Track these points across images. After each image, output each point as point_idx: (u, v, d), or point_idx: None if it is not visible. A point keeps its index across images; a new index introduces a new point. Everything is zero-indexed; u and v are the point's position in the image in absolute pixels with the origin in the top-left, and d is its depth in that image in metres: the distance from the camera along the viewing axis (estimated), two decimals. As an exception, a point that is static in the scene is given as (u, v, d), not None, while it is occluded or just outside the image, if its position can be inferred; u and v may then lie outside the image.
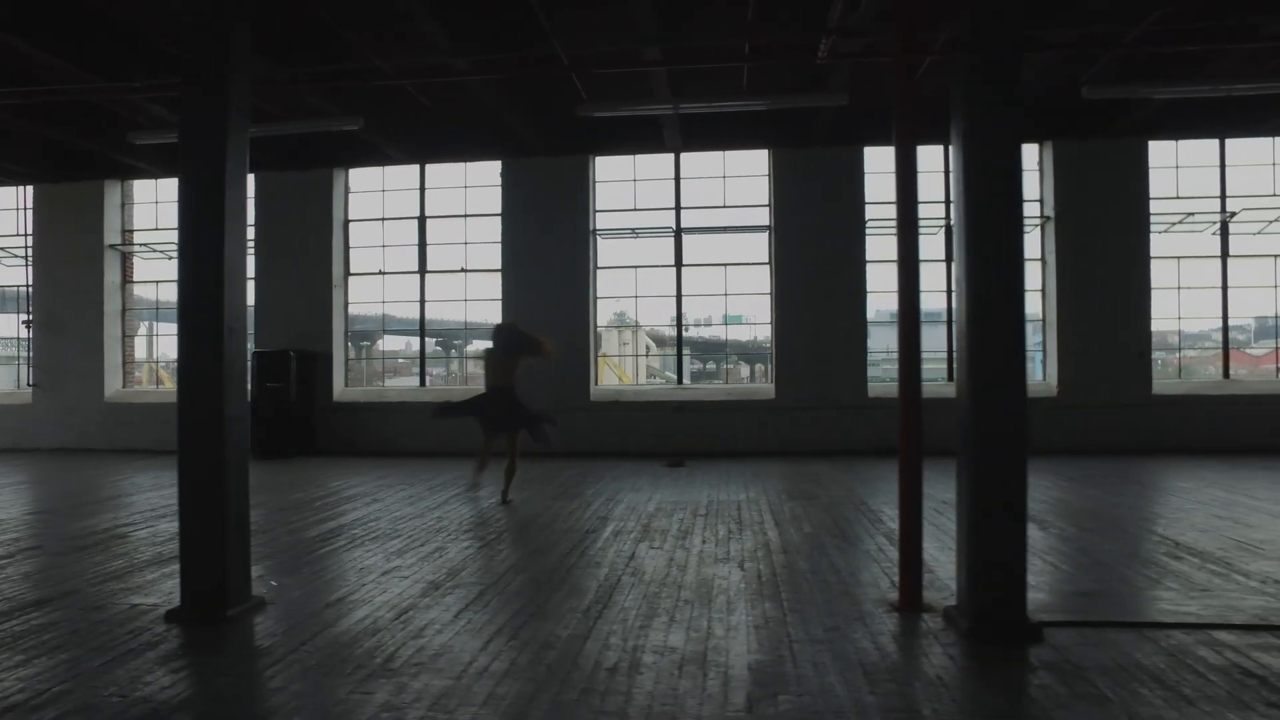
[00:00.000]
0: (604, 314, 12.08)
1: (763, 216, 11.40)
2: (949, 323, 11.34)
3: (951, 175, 3.63)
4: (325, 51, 8.25)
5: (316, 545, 5.73)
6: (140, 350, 13.41)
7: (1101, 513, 6.57)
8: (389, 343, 14.76)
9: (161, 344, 13.81)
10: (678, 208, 11.49)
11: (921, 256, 4.12)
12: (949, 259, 11.31)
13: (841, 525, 6.14)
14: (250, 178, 11.88)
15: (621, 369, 15.03)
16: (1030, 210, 11.18)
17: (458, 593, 4.47)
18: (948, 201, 11.32)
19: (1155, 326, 11.00)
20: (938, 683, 3.11)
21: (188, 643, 3.70)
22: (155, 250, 12.35)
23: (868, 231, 11.06)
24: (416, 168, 11.86)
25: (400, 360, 14.40)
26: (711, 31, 8.04)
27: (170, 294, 12.47)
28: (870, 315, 11.20)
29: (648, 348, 16.53)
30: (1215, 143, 10.88)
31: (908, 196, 4.09)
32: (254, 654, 3.59)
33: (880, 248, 11.11)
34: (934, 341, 10.78)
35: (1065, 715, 2.82)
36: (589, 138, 10.96)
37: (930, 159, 10.98)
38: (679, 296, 11.54)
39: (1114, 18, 7.26)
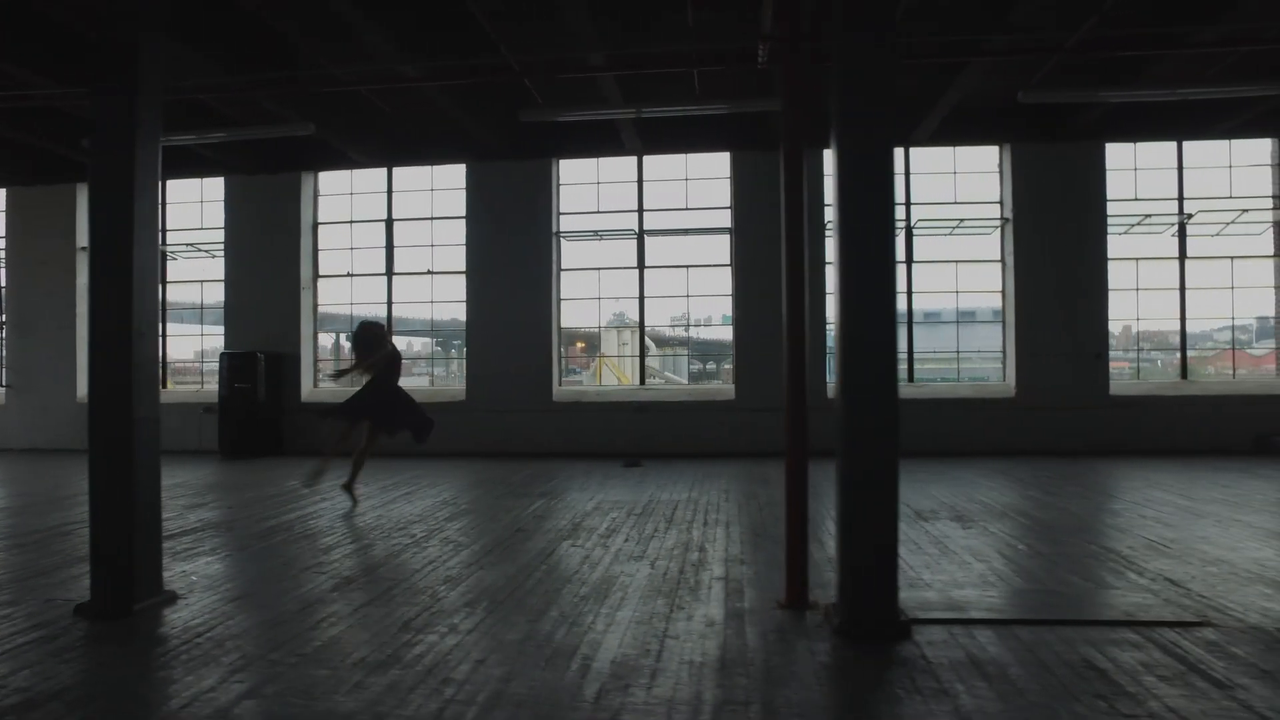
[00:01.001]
0: (578, 315, 12.17)
1: (725, 219, 11.50)
2: (910, 324, 11.48)
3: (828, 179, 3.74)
4: (281, 59, 8.40)
5: (251, 542, 5.86)
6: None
7: (1031, 513, 6.66)
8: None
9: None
10: (640, 210, 11.61)
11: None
12: (909, 260, 11.44)
13: (769, 525, 6.24)
14: (220, 181, 12.16)
15: (620, 369, 15.08)
16: (990, 212, 11.28)
17: (368, 588, 4.59)
18: (908, 204, 11.42)
19: (1156, 327, 11.11)
20: (788, 677, 3.22)
21: (89, 635, 3.83)
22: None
23: (827, 234, 11.12)
24: (384, 172, 12.00)
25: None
26: (655, 38, 8.16)
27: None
28: (830, 316, 11.25)
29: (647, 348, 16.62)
30: (1173, 146, 10.95)
31: (794, 201, 4.19)
32: (149, 645, 3.71)
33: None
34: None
35: (897, 709, 2.93)
36: (549, 141, 11.09)
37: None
38: (641, 298, 11.65)
39: (1053, 25, 7.38)
